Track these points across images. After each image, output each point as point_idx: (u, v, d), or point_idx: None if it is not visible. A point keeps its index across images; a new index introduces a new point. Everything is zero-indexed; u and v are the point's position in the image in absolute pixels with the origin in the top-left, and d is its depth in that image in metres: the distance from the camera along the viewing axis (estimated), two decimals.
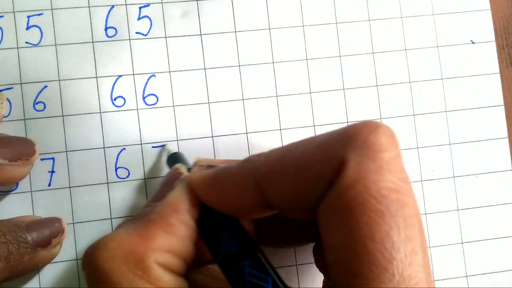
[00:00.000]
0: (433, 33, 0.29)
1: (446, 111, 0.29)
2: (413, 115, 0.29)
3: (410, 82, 0.29)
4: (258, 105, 0.28)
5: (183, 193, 0.20)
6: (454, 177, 0.29)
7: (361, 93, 0.28)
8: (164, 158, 0.27)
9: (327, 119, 0.28)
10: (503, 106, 0.29)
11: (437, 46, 0.29)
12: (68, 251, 0.26)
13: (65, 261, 0.26)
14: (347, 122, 0.28)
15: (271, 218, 0.23)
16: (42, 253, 0.24)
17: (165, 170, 0.26)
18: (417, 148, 0.29)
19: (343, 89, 0.28)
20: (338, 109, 0.28)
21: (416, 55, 0.29)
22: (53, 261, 0.26)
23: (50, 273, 0.26)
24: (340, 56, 0.28)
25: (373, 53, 0.29)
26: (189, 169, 0.23)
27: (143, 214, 0.20)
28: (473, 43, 0.29)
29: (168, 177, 0.22)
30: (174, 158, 0.25)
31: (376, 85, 0.29)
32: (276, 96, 0.28)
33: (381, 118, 0.28)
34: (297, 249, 0.27)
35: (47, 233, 0.24)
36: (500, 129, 0.29)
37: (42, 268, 0.26)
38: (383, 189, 0.16)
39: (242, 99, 0.28)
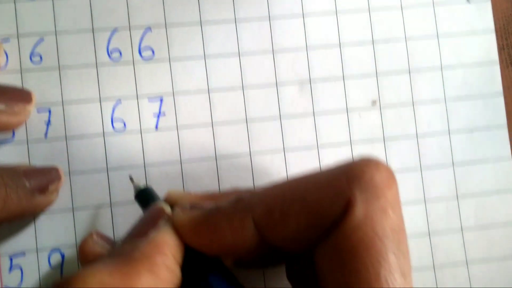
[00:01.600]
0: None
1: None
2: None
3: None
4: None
5: (169, 234, 0.19)
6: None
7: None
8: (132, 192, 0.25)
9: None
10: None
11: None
12: (64, 201, 0.26)
13: (61, 211, 0.26)
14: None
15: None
16: (39, 198, 0.24)
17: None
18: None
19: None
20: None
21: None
22: (49, 211, 0.26)
23: (45, 222, 0.26)
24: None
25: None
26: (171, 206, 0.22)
27: (124, 251, 0.19)
28: (468, 2, 0.29)
29: (149, 214, 0.21)
30: (144, 195, 0.24)
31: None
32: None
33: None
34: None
35: (44, 179, 0.25)
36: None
37: (38, 215, 0.26)
38: (387, 229, 0.16)
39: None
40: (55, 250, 0.26)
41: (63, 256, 0.26)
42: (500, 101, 0.29)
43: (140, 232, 0.20)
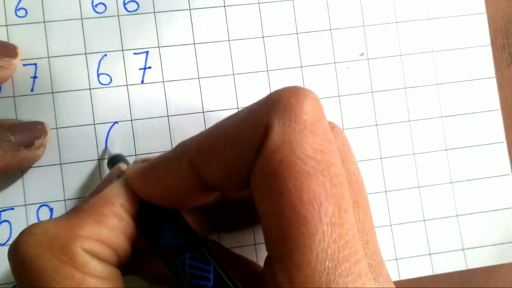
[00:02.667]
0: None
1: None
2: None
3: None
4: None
5: (119, 187, 0.19)
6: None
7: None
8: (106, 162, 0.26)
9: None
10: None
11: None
12: (51, 155, 0.26)
13: (48, 165, 0.26)
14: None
15: (221, 204, 0.23)
16: (25, 152, 0.24)
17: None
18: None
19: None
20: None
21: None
22: (37, 164, 0.26)
23: (33, 176, 0.26)
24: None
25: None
26: None
27: (77, 206, 0.19)
28: None
29: (108, 175, 0.22)
30: (115, 160, 0.25)
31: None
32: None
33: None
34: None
35: (30, 134, 0.25)
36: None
37: (26, 170, 0.26)
38: (308, 151, 0.16)
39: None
40: (43, 204, 0.26)
41: (51, 210, 0.26)
42: (488, 51, 0.29)
43: (97, 190, 0.21)
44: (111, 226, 0.18)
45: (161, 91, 0.27)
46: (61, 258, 0.17)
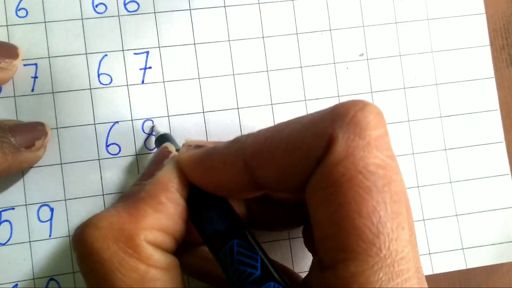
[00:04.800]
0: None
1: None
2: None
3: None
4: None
5: (172, 171, 0.20)
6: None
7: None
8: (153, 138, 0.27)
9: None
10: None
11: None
12: (52, 155, 0.26)
13: (49, 165, 0.26)
14: (338, 96, 0.28)
15: (262, 201, 0.23)
16: (26, 154, 0.24)
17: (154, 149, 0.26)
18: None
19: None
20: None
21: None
22: (37, 164, 0.26)
23: (33, 176, 0.26)
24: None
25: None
26: (177, 150, 0.23)
27: (132, 192, 0.20)
28: None
29: (156, 156, 0.22)
30: (163, 139, 0.25)
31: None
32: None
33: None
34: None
35: (30, 135, 0.25)
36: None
37: (27, 170, 0.26)
38: (370, 166, 0.16)
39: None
40: (44, 204, 0.26)
41: (52, 210, 0.26)
42: (487, 52, 0.29)
43: (148, 172, 0.21)
44: (170, 213, 0.19)
45: (162, 91, 0.27)
46: (127, 251, 0.18)
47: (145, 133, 0.27)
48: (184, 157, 0.20)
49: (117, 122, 0.27)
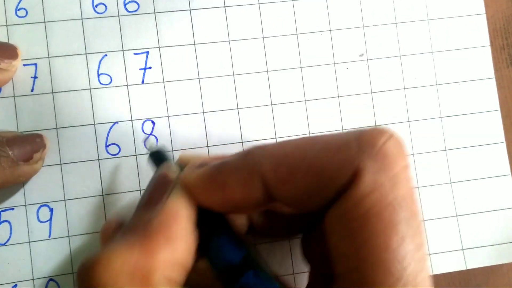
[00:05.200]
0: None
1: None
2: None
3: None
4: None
5: (181, 198, 0.19)
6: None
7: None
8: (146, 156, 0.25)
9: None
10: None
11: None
12: (51, 156, 0.26)
13: (48, 165, 0.26)
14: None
15: (264, 212, 0.23)
16: (24, 167, 0.24)
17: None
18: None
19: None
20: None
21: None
22: None
23: (33, 177, 0.26)
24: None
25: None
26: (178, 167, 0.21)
27: (141, 223, 0.19)
28: None
29: (158, 179, 0.21)
30: (157, 156, 0.23)
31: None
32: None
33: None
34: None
35: (29, 148, 0.24)
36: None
37: (26, 182, 0.26)
38: (398, 199, 0.16)
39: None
40: (43, 204, 0.26)
41: (51, 210, 0.26)
42: (487, 52, 0.29)
43: (153, 199, 0.20)
44: (183, 244, 0.18)
45: (161, 91, 0.27)
46: None
47: (145, 133, 0.27)
48: (192, 178, 0.19)
49: (117, 122, 0.27)
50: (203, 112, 0.27)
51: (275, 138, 0.28)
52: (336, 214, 0.17)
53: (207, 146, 0.27)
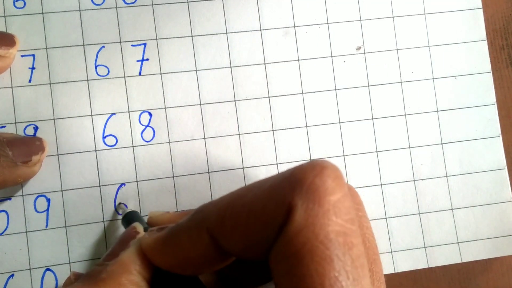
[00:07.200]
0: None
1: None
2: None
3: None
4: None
5: (135, 253, 0.19)
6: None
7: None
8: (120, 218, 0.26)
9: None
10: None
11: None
12: (49, 147, 0.26)
13: (46, 156, 0.26)
14: (336, 89, 0.28)
15: (235, 265, 0.22)
16: (22, 168, 0.24)
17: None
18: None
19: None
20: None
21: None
22: None
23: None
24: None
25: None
26: (145, 228, 0.22)
27: (94, 273, 0.19)
28: None
29: (123, 236, 0.22)
30: (130, 217, 0.25)
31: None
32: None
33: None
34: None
35: (28, 150, 0.25)
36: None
37: (24, 183, 0.26)
38: (330, 234, 0.16)
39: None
40: (41, 195, 0.26)
41: (49, 201, 0.26)
42: (484, 46, 0.29)
43: (112, 254, 0.20)
44: None
45: (159, 83, 0.27)
46: None
47: (142, 125, 0.27)
48: (147, 242, 0.19)
49: (114, 113, 0.27)
50: (200, 104, 0.27)
51: (272, 130, 0.28)
52: (276, 252, 0.16)
53: (204, 138, 0.27)
